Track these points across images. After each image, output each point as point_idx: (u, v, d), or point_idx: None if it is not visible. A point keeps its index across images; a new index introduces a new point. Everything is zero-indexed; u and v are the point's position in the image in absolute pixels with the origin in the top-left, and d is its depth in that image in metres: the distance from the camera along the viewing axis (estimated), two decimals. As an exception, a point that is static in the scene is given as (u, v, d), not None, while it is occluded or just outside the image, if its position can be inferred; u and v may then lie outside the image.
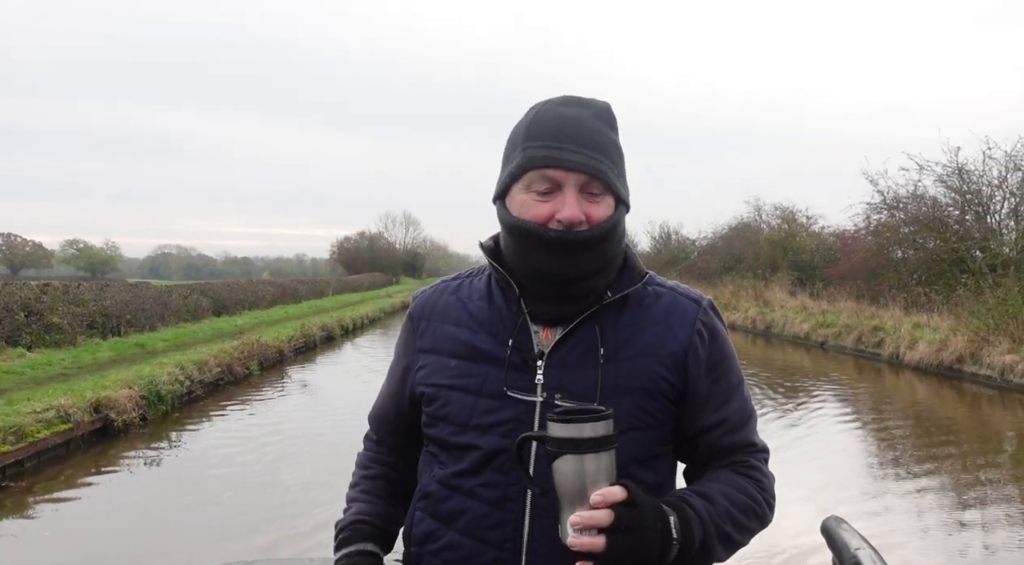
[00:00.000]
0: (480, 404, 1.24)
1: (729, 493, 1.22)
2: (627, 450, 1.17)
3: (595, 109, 1.23)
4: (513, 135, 1.26)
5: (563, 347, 1.23)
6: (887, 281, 20.45)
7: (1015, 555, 5.42)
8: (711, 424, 1.27)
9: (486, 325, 1.28)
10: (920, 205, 21.35)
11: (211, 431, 9.83)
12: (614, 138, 1.24)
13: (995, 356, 12.60)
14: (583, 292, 1.23)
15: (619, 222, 1.23)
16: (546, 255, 1.19)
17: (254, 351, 14.50)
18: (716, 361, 1.28)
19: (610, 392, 1.20)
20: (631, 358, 1.23)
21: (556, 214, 1.18)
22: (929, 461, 8.21)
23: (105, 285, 19.70)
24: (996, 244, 18.91)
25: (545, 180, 1.19)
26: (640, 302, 1.28)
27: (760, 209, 36.86)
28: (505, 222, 1.24)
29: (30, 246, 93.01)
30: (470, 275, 1.40)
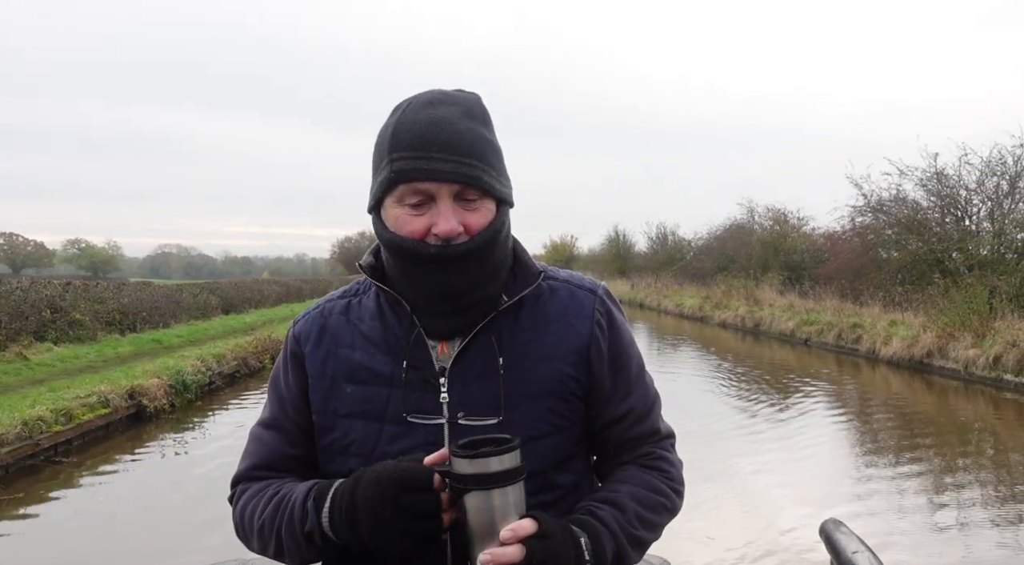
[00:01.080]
0: (385, 431, 1.16)
1: (637, 493, 1.19)
2: (542, 456, 1.15)
3: (463, 106, 1.14)
4: (379, 141, 1.16)
5: (463, 360, 1.17)
6: (870, 281, 21.32)
7: (1006, 552, 5.55)
8: (617, 417, 1.24)
9: (382, 346, 1.19)
10: (902, 208, 22.24)
11: (230, 417, 10.71)
12: (487, 136, 1.15)
13: (960, 350, 13.49)
14: (475, 302, 1.16)
15: (502, 226, 1.16)
16: (428, 271, 1.12)
17: (267, 346, 15.38)
18: (616, 351, 1.24)
19: (516, 400, 1.15)
20: (535, 362, 1.18)
21: (432, 227, 1.11)
22: (912, 455, 8.51)
23: (121, 283, 20.59)
24: (974, 246, 19.77)
25: (416, 193, 1.11)
26: (536, 300, 1.22)
27: (753, 211, 37.77)
28: (382, 238, 1.16)
29: (31, 245, 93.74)
30: (356, 293, 1.28)
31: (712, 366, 16.33)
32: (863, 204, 23.64)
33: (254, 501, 1.20)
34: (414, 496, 1.01)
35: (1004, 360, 12.45)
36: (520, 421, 1.14)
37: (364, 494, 1.03)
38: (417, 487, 1.01)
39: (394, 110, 1.16)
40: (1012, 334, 12.75)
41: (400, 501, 1.01)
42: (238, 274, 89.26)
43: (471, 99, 1.17)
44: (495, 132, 1.18)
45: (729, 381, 14.00)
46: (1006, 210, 19.70)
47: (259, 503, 1.18)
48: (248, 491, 1.22)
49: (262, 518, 1.16)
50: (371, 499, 1.02)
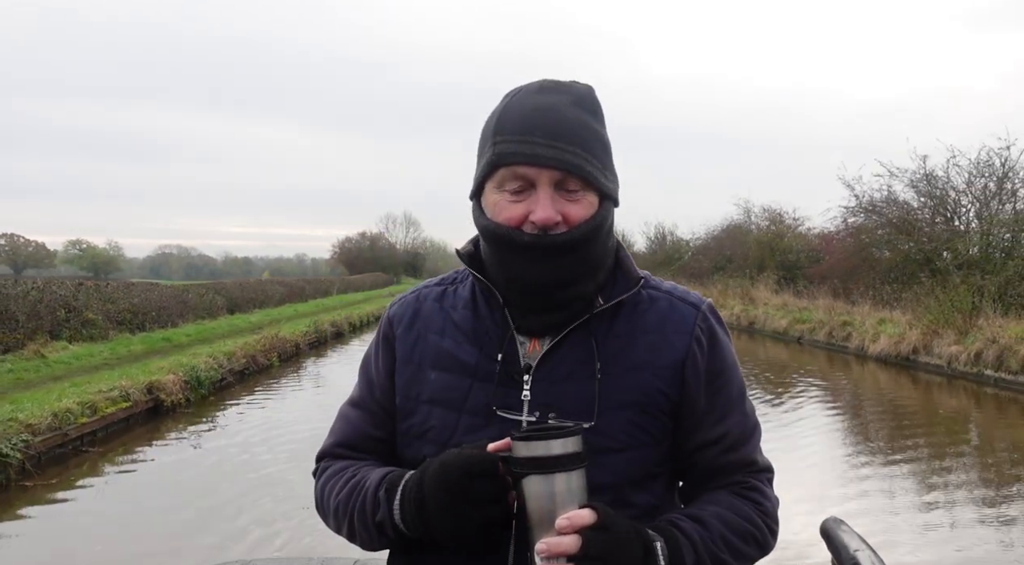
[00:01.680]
0: (463, 421, 1.15)
1: (726, 517, 1.13)
2: (622, 471, 1.11)
3: (573, 95, 1.12)
4: (485, 127, 1.16)
5: (551, 360, 1.14)
6: (862, 280, 21.81)
7: (1003, 550, 5.61)
8: (709, 440, 1.18)
9: (471, 336, 1.18)
10: (893, 208, 22.75)
11: (247, 411, 11.20)
12: (596, 127, 1.12)
13: (943, 347, 13.99)
14: (567, 300, 1.13)
15: (603, 221, 1.12)
16: (521, 261, 1.10)
17: (274, 344, 15.88)
18: (716, 371, 1.19)
19: (603, 408, 1.12)
20: (625, 371, 1.14)
21: (530, 215, 1.08)
22: (908, 452, 8.62)
23: (131, 284, 21.07)
24: (963, 245, 20.26)
25: (516, 178, 1.09)
26: (634, 309, 1.19)
27: (749, 211, 38.24)
28: (479, 224, 1.16)
29: (33, 246, 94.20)
30: (453, 281, 1.28)
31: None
32: (855, 205, 24.19)
33: (332, 480, 1.20)
34: (479, 481, 0.99)
35: (984, 356, 12.95)
36: (606, 429, 1.11)
37: (431, 483, 1.02)
38: (481, 472, 0.99)
39: (504, 97, 1.15)
40: (993, 331, 13.24)
41: (465, 487, 0.99)
42: (238, 274, 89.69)
43: (583, 89, 1.14)
44: (606, 127, 1.16)
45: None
46: (993, 211, 20.21)
47: (336, 484, 1.19)
48: (329, 469, 1.23)
49: (337, 500, 1.17)
50: (437, 487, 1.01)
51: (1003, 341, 12.70)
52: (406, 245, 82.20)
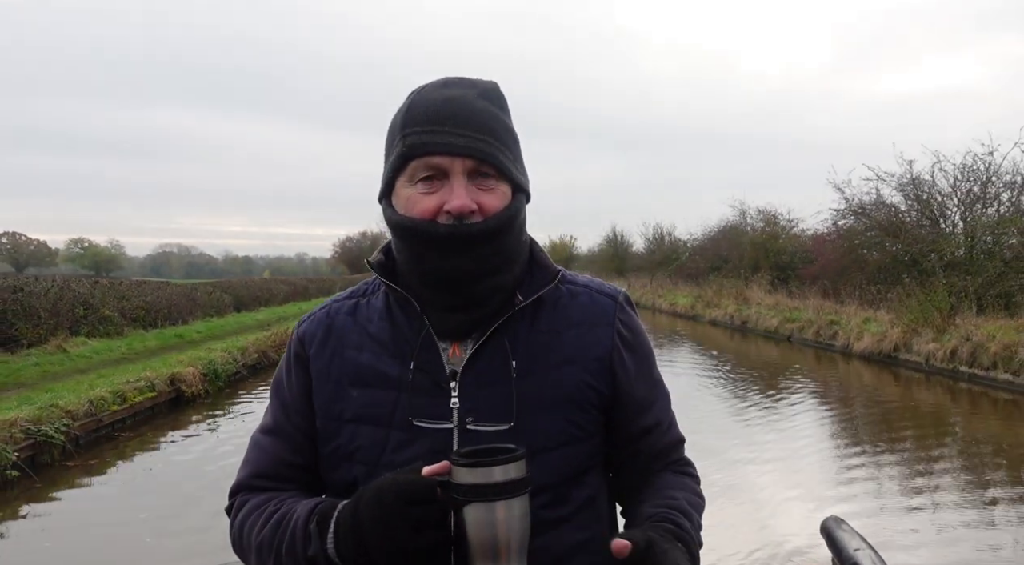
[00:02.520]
0: (392, 437, 1.10)
1: (692, 500, 1.17)
2: (557, 468, 1.11)
3: (480, 89, 1.12)
4: (391, 124, 1.13)
5: (476, 363, 1.11)
6: (851, 281, 22.50)
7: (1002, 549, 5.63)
8: (648, 426, 1.20)
9: (390, 347, 1.14)
10: (881, 211, 23.45)
11: (263, 401, 11.89)
12: (504, 119, 1.12)
13: (921, 345, 14.67)
14: (485, 294, 1.11)
15: (517, 212, 1.12)
16: (437, 253, 1.06)
17: (283, 340, 16.55)
18: (640, 358, 1.20)
19: (530, 408, 1.10)
20: (552, 367, 1.12)
21: (444, 205, 1.06)
22: (891, 446, 8.86)
23: (143, 282, 21.77)
24: (948, 247, 20.95)
25: (429, 168, 1.07)
26: (555, 304, 1.18)
27: (745, 212, 38.94)
28: (391, 221, 1.12)
29: (34, 244, 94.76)
30: (364, 293, 1.24)
31: (699, 356, 17.52)
32: (845, 207, 24.90)
33: (253, 516, 1.13)
34: (417, 509, 0.95)
35: (959, 353, 13.64)
36: (533, 429, 1.09)
37: (368, 512, 0.97)
38: (420, 499, 0.95)
39: (408, 94, 1.14)
40: (967, 329, 13.93)
41: (404, 514, 0.94)
42: (239, 273, 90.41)
43: (487, 84, 1.14)
44: (512, 122, 1.15)
45: (715, 373, 15.17)
46: (976, 214, 20.90)
47: (257, 520, 1.12)
48: (248, 504, 1.16)
49: (260, 536, 1.10)
50: (375, 517, 0.96)
51: (976, 339, 13.39)
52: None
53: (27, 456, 7.50)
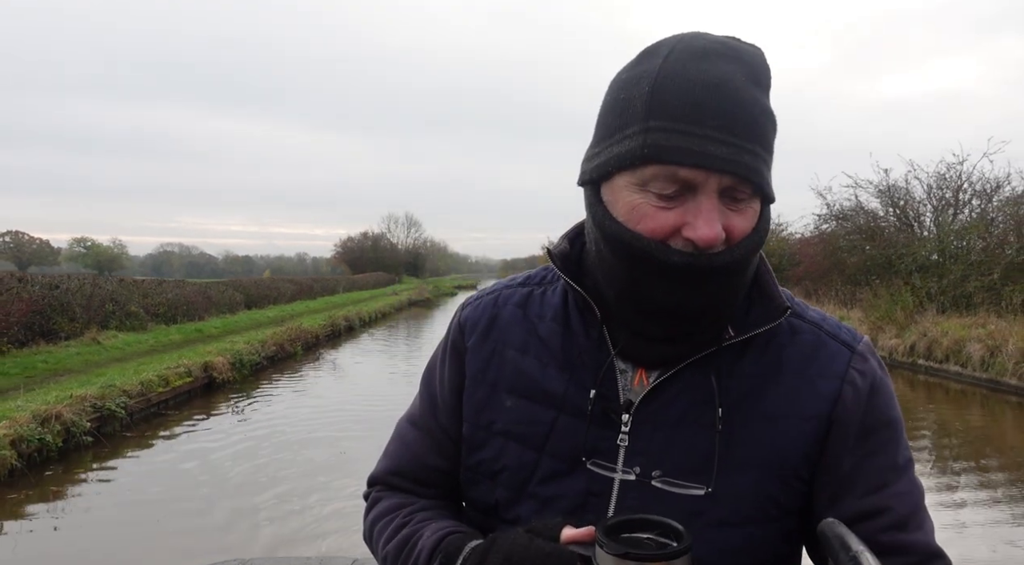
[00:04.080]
0: (543, 464, 0.93)
1: None
2: (739, 549, 0.89)
3: (748, 65, 0.83)
4: (622, 95, 0.85)
5: (659, 398, 0.91)
6: (831, 282, 23.80)
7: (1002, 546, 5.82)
8: (859, 513, 0.89)
9: (559, 357, 0.96)
10: (860, 216, 24.80)
11: (282, 387, 13.21)
12: (771, 110, 0.85)
13: (885, 340, 16.00)
14: (699, 330, 0.89)
15: (766, 233, 0.89)
16: (666, 284, 0.84)
17: (298, 335, 17.87)
18: (872, 426, 0.91)
19: (723, 468, 0.88)
20: (753, 421, 0.90)
21: (683, 228, 0.82)
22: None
23: (162, 281, 23.07)
24: (923, 250, 22.25)
25: (674, 181, 0.82)
26: (768, 342, 0.93)
27: (736, 216, 40.25)
28: (604, 228, 0.87)
29: (37, 243, 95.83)
30: (541, 281, 1.05)
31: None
32: (826, 212, 26.25)
33: (382, 522, 1.04)
34: None
35: (917, 347, 14.96)
36: (721, 496, 0.88)
37: None
38: None
39: (645, 55, 0.86)
40: (925, 326, 15.25)
41: None
42: (240, 273, 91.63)
43: (756, 56, 0.85)
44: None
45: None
46: (947, 219, 22.23)
47: (386, 529, 1.03)
48: (380, 504, 1.07)
49: (386, 550, 1.01)
50: None
51: (931, 335, 14.71)
52: (407, 245, 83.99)
53: (96, 426, 8.82)
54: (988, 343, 13.09)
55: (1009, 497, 7.13)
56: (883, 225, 24.04)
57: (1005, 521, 6.46)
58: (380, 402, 11.25)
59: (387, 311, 33.09)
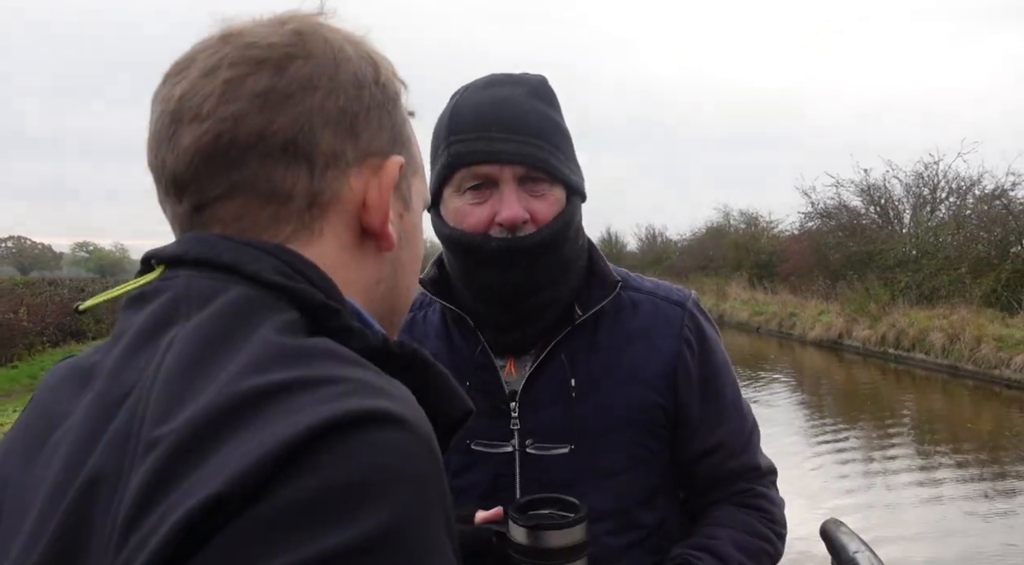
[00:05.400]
0: (452, 463, 1.08)
1: (738, 539, 1.09)
2: (623, 493, 1.07)
3: (528, 86, 1.06)
4: (436, 129, 1.08)
5: (536, 382, 1.08)
6: (814, 278, 24.91)
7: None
8: (707, 449, 1.13)
9: (448, 369, 1.06)
10: (843, 213, 25.92)
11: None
12: (554, 117, 1.06)
13: (859, 331, 17.11)
14: (539, 309, 1.07)
15: (572, 217, 1.05)
16: (491, 269, 1.03)
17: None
18: (708, 374, 1.12)
19: (592, 430, 1.06)
20: (615, 386, 1.08)
21: (495, 216, 1.01)
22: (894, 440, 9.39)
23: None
24: (902, 246, 23.33)
25: (477, 177, 1.02)
26: (616, 315, 1.11)
27: (728, 215, 41.41)
28: (441, 234, 1.07)
29: (39, 248, 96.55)
30: (421, 305, 1.19)
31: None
32: (811, 211, 27.39)
33: None
34: (470, 562, 0.91)
35: (887, 337, 16.07)
36: (595, 453, 1.06)
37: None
38: (473, 553, 0.93)
39: (451, 96, 1.08)
40: (895, 318, 16.36)
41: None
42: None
43: (536, 79, 1.08)
44: (563, 118, 1.09)
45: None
46: (925, 217, 23.34)
47: None
48: None
49: None
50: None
51: (900, 325, 15.82)
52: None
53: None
54: (948, 332, 14.19)
55: (970, 472, 7.88)
56: (865, 222, 25.15)
57: (975, 495, 7.25)
58: None
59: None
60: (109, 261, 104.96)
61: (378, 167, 0.61)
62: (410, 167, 0.66)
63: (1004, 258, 17.01)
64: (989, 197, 20.68)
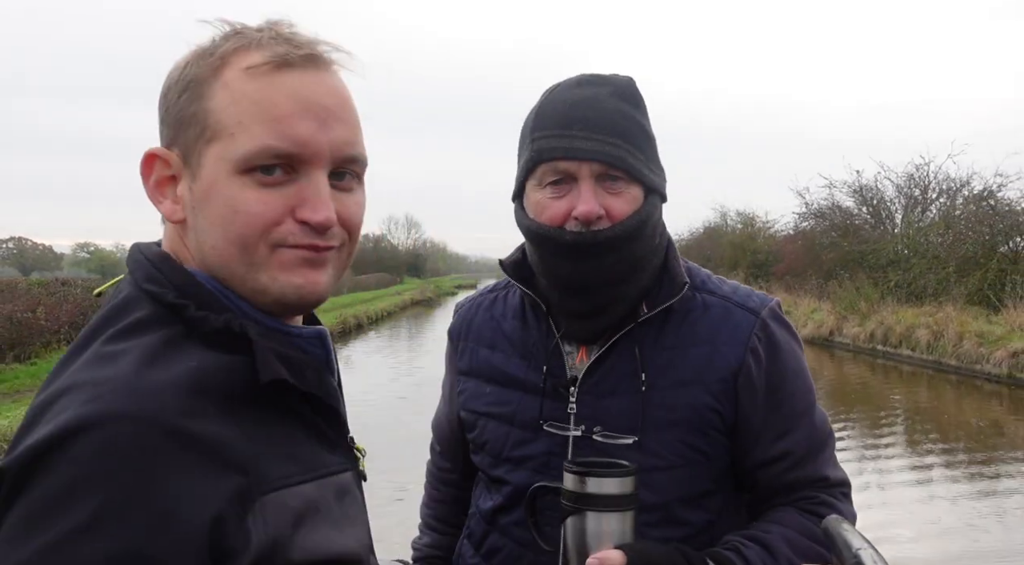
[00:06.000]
0: (512, 435, 1.19)
1: (792, 538, 1.09)
2: (669, 489, 1.11)
3: (613, 86, 1.11)
4: (523, 126, 1.15)
5: (597, 372, 1.14)
6: (808, 277, 25.38)
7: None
8: (770, 458, 1.15)
9: (519, 348, 1.21)
10: (837, 214, 26.39)
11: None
12: (638, 118, 1.11)
13: (849, 329, 17.61)
14: (611, 301, 1.12)
15: (648, 216, 1.10)
16: (564, 260, 1.09)
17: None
18: (775, 384, 1.14)
19: (652, 425, 1.11)
20: (672, 385, 1.12)
21: (572, 211, 1.07)
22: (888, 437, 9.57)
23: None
24: (892, 246, 23.80)
25: (556, 172, 1.08)
26: (685, 316, 1.15)
27: (725, 215, 41.85)
28: (521, 225, 1.15)
29: (40, 249, 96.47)
30: (506, 287, 1.30)
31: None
32: (805, 211, 27.88)
33: (425, 496, 1.46)
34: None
35: (875, 334, 16.56)
36: (652, 447, 1.10)
37: None
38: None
39: (542, 95, 1.15)
40: (883, 316, 16.86)
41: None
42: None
43: (623, 81, 1.13)
44: (649, 119, 1.14)
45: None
46: (915, 217, 23.82)
47: (422, 508, 1.46)
48: (427, 480, 1.47)
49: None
50: None
51: (888, 323, 16.33)
52: (407, 246, 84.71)
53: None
54: (933, 329, 14.68)
55: (959, 464, 8.11)
56: (857, 223, 25.62)
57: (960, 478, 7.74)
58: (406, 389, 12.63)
59: (392, 310, 34.60)
60: (110, 262, 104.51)
61: None
62: (200, 138, 0.74)
63: (990, 257, 17.49)
64: (976, 198, 21.15)
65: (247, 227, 0.73)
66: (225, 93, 0.74)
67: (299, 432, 0.75)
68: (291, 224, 0.74)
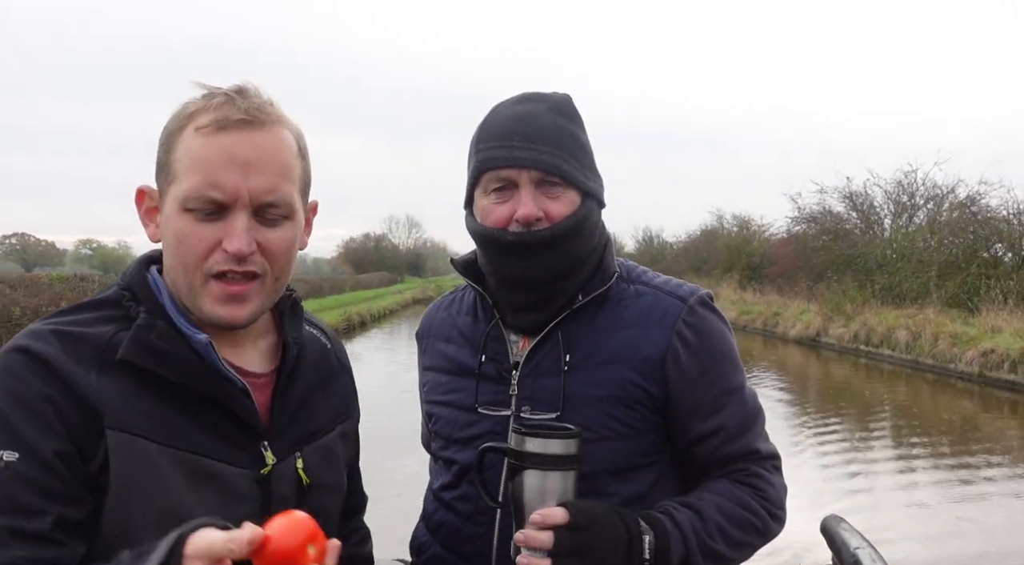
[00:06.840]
0: (460, 418, 1.28)
1: (723, 505, 1.18)
2: (597, 461, 1.17)
3: (551, 103, 1.23)
4: (471, 139, 1.26)
5: (536, 356, 1.24)
6: (798, 279, 26.08)
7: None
8: (705, 433, 1.22)
9: (470, 340, 1.31)
10: (828, 218, 27.11)
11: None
12: (573, 131, 1.22)
13: (834, 329, 18.34)
14: (551, 295, 1.22)
15: (585, 218, 1.20)
16: (507, 259, 1.19)
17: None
18: (706, 365, 1.22)
19: (576, 401, 1.19)
20: (599, 364, 1.20)
21: (515, 214, 1.18)
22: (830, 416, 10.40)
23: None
24: (881, 250, 24.50)
25: (499, 180, 1.19)
26: (618, 303, 1.25)
27: (721, 218, 42.48)
28: (469, 229, 1.25)
29: (42, 245, 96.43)
30: (464, 288, 1.40)
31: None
32: (797, 215, 28.61)
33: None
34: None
35: (859, 335, 17.30)
36: (578, 421, 1.15)
37: None
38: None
39: (488, 111, 1.27)
40: (867, 317, 17.60)
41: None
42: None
43: (560, 98, 1.25)
44: (585, 131, 1.26)
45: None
46: (902, 223, 24.55)
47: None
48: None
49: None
50: None
51: (870, 324, 17.06)
52: (408, 246, 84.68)
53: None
54: (912, 330, 15.41)
55: (933, 451, 8.92)
56: (848, 227, 26.33)
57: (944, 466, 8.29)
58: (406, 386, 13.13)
59: (394, 308, 35.28)
60: (112, 258, 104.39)
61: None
62: (165, 180, 0.97)
63: (971, 262, 18.19)
64: (960, 204, 21.86)
65: (187, 254, 0.95)
66: (182, 146, 0.95)
67: (180, 411, 0.94)
68: (219, 254, 0.95)
